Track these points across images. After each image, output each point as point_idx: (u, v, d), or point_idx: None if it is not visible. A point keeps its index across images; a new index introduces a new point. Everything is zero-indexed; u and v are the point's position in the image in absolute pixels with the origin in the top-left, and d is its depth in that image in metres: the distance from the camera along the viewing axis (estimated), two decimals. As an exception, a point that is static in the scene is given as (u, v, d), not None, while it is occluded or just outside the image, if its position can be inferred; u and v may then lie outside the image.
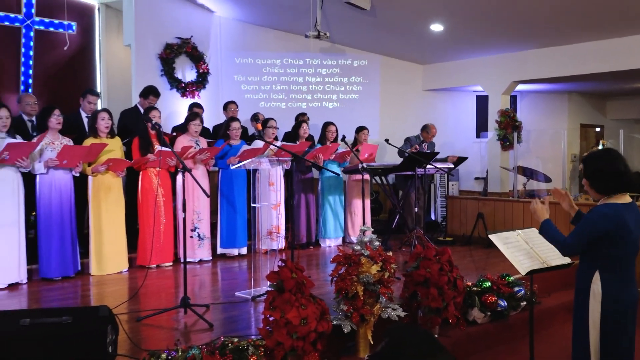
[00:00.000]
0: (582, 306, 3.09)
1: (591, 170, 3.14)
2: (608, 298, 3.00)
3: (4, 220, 5.48)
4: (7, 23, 8.52)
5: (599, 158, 3.19)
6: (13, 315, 3.42)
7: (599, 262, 3.04)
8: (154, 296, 5.24)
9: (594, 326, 3.04)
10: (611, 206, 3.04)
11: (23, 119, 6.59)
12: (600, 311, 3.01)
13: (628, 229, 2.99)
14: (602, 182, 3.10)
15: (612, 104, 13.29)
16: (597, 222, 3.02)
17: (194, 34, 9.19)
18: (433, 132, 8.51)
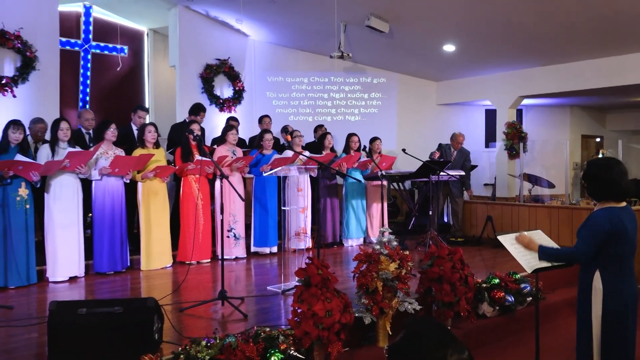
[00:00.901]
0: (585, 302, 3.03)
1: (588, 176, 3.09)
2: (609, 294, 2.94)
3: (66, 221, 5.57)
4: (69, 47, 8.71)
5: (597, 165, 3.11)
6: (72, 305, 3.47)
7: (598, 261, 2.98)
8: (194, 289, 5.26)
9: (596, 321, 2.97)
10: (607, 209, 2.99)
11: (82, 132, 6.71)
12: (601, 307, 2.95)
13: (625, 229, 2.93)
14: (595, 188, 3.05)
15: (611, 116, 13.05)
16: (598, 224, 2.96)
17: (231, 56, 9.27)
18: (459, 139, 8.31)
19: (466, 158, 8.29)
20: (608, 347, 2.94)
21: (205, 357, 3.20)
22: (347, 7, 7.44)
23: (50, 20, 7.54)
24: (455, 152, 8.28)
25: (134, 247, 6.32)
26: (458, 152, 8.30)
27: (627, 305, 2.94)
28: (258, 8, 8.12)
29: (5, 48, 7.07)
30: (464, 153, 8.30)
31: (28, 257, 5.39)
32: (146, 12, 9.08)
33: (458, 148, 8.31)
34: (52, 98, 7.53)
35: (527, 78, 9.47)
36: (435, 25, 8.01)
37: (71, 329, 3.33)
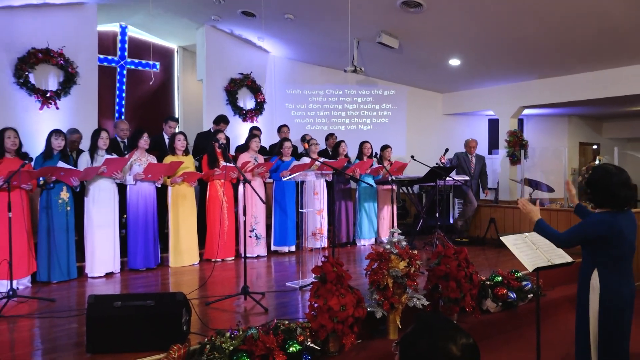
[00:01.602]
0: (583, 299, 2.98)
1: (589, 182, 3.01)
2: (605, 292, 2.88)
3: (103, 222, 5.63)
4: (106, 64, 8.83)
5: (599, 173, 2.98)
6: (109, 298, 3.50)
7: (597, 260, 2.92)
8: (219, 285, 5.27)
9: (593, 316, 2.92)
10: (605, 213, 2.92)
11: (117, 141, 6.78)
12: (598, 303, 2.89)
13: (622, 234, 2.85)
14: (594, 194, 2.97)
15: (607, 124, 12.86)
16: (593, 227, 2.89)
17: (253, 70, 9.31)
18: (471, 144, 8.10)
19: (483, 162, 8.19)
20: (604, 342, 2.89)
21: (229, 348, 3.21)
22: (359, 25, 7.45)
23: (90, 39, 7.66)
24: (472, 157, 8.10)
25: (164, 245, 6.36)
26: (476, 158, 8.13)
27: (623, 303, 2.88)
28: (278, 27, 8.16)
29: (50, 65, 7.20)
30: (480, 158, 8.19)
31: (69, 254, 5.45)
32: (176, 31, 9.17)
33: (473, 153, 8.10)
34: (91, 110, 7.64)
35: (527, 89, 9.38)
36: (442, 42, 7.97)
37: (107, 320, 3.36)
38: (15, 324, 4.03)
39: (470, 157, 8.07)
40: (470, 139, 8.23)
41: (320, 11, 7.41)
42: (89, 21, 7.63)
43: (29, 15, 7.09)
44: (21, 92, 7.03)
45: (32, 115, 7.08)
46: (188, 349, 3.24)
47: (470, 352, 1.44)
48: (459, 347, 1.42)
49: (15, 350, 3.49)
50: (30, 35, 7.07)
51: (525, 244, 3.49)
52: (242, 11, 7.81)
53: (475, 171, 8.06)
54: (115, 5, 7.82)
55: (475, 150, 8.13)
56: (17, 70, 6.97)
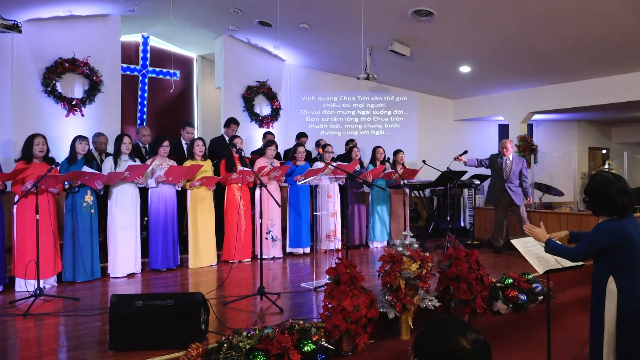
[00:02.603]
0: (599, 303, 2.91)
1: (587, 190, 2.96)
2: (624, 296, 2.81)
3: (125, 224, 5.68)
4: (129, 72, 8.93)
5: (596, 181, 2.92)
6: (130, 298, 3.52)
7: (612, 267, 2.85)
8: (236, 285, 5.28)
9: (609, 320, 2.85)
10: (611, 222, 2.87)
11: (139, 146, 6.85)
12: (616, 307, 2.82)
13: (632, 238, 2.80)
14: (593, 203, 2.92)
15: (616, 129, 12.66)
16: (602, 238, 2.84)
17: (269, 78, 9.35)
18: (504, 145, 7.29)
19: (523, 165, 7.23)
20: (622, 345, 2.83)
21: (245, 346, 3.21)
22: (372, 34, 7.45)
23: (113, 49, 7.76)
24: (507, 159, 7.23)
25: (183, 247, 6.40)
26: (514, 159, 7.25)
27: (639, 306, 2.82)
28: (293, 36, 8.19)
29: (76, 74, 7.31)
30: (519, 160, 7.28)
31: (93, 255, 5.51)
32: (195, 41, 9.25)
33: (507, 154, 7.23)
34: (114, 116, 7.73)
35: (537, 95, 9.28)
36: (452, 49, 7.93)
37: (129, 318, 3.38)
38: (42, 321, 4.08)
39: (504, 159, 7.24)
40: (504, 140, 7.44)
41: (334, 21, 7.42)
42: (113, 32, 7.73)
43: (57, 27, 7.21)
44: (49, 100, 7.14)
45: (58, 122, 7.19)
46: (206, 347, 3.25)
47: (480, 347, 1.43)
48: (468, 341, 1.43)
49: (42, 347, 3.53)
50: (58, 46, 7.19)
51: (535, 247, 3.44)
52: (258, 21, 7.85)
53: (510, 174, 7.14)
54: (138, 17, 7.91)
55: (509, 152, 7.25)
56: (45, 79, 7.08)
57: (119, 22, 7.75)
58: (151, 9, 7.58)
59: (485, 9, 6.37)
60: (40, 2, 6.58)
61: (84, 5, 7.08)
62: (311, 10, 7.17)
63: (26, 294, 4.66)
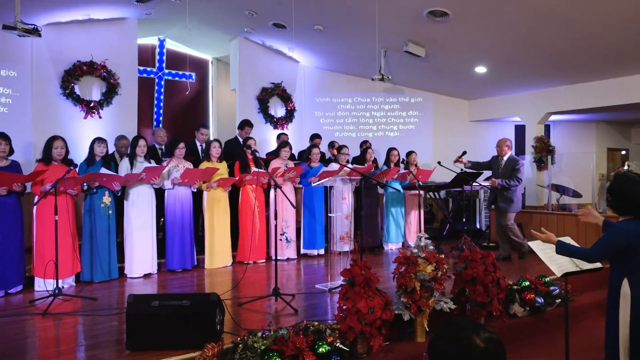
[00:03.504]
0: (614, 306, 2.88)
1: (611, 189, 2.93)
2: (637, 299, 2.78)
3: (142, 225, 5.74)
4: (145, 75, 9.03)
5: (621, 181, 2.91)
6: (147, 298, 3.56)
7: (627, 268, 2.83)
8: (251, 286, 5.30)
9: (624, 324, 2.82)
10: (630, 221, 2.84)
11: (155, 147, 6.92)
12: (630, 310, 2.79)
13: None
14: (616, 202, 2.88)
15: (636, 130, 12.44)
16: (619, 237, 2.82)
17: (283, 80, 9.38)
18: (499, 143, 6.94)
19: (513, 167, 6.70)
20: (636, 348, 2.79)
21: (260, 347, 3.22)
22: (387, 35, 7.43)
23: (130, 52, 7.85)
24: (502, 159, 6.87)
25: (199, 248, 6.44)
26: (506, 159, 6.86)
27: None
28: (307, 37, 8.21)
29: (94, 76, 7.42)
30: (512, 161, 6.78)
31: (110, 255, 5.57)
32: (211, 43, 9.32)
33: (502, 154, 6.88)
34: (131, 118, 7.82)
35: (554, 96, 9.16)
36: (468, 50, 7.88)
37: (146, 318, 3.41)
38: (61, 320, 4.14)
39: (500, 160, 6.90)
40: (500, 139, 7.06)
41: (348, 22, 7.42)
42: (130, 35, 7.82)
43: (75, 30, 7.32)
44: (67, 102, 7.25)
45: (76, 124, 7.29)
46: (222, 347, 3.27)
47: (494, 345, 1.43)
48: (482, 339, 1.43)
49: (60, 346, 3.58)
50: (76, 49, 7.30)
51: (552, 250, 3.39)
52: (273, 23, 7.88)
53: (502, 174, 6.79)
54: (154, 20, 7.99)
55: (506, 152, 6.89)
56: (63, 82, 7.19)
57: (136, 25, 7.84)
58: (167, 12, 7.66)
59: (501, 9, 6.32)
60: (59, 6, 6.69)
61: (101, 9, 7.18)
62: (326, 11, 7.17)
63: (45, 293, 4.74)
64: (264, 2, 7.13)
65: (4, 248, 4.87)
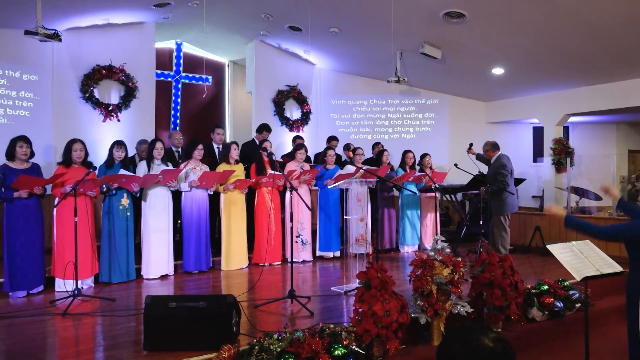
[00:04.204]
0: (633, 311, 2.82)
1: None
2: None
3: (159, 227, 5.80)
4: (163, 78, 9.13)
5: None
6: (164, 299, 3.59)
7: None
8: (267, 288, 5.31)
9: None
10: None
11: (172, 150, 6.99)
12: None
13: None
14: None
15: (658, 131, 12.21)
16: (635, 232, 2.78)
17: (299, 82, 9.40)
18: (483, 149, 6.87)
19: (497, 170, 6.50)
20: None
21: (276, 349, 3.22)
22: (402, 36, 7.41)
23: (148, 55, 7.95)
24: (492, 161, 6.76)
25: (216, 249, 6.48)
26: (493, 161, 6.72)
27: None
28: (323, 40, 8.22)
29: (112, 80, 7.53)
30: (496, 163, 6.63)
31: (128, 257, 5.63)
32: (227, 47, 9.39)
33: (491, 157, 6.76)
34: (148, 121, 7.91)
35: (573, 97, 9.04)
36: (485, 51, 7.81)
37: (163, 320, 3.44)
38: (80, 321, 4.20)
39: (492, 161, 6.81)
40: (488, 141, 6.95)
41: (364, 24, 7.42)
42: (148, 39, 7.92)
43: (94, 35, 7.44)
44: (86, 105, 7.37)
45: (95, 127, 7.40)
46: (238, 349, 3.28)
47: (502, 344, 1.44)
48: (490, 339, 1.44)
49: (79, 346, 3.63)
50: (95, 54, 7.41)
51: (572, 253, 3.35)
52: (289, 26, 7.91)
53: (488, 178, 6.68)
54: (172, 24, 8.08)
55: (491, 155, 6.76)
56: (83, 86, 7.31)
57: (154, 29, 7.94)
58: (184, 16, 7.74)
59: (518, 9, 6.26)
60: (79, 11, 6.80)
61: (120, 14, 7.28)
62: (341, 14, 7.18)
63: (65, 293, 4.81)
64: (280, 5, 7.17)
65: (26, 249, 4.95)
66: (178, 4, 7.11)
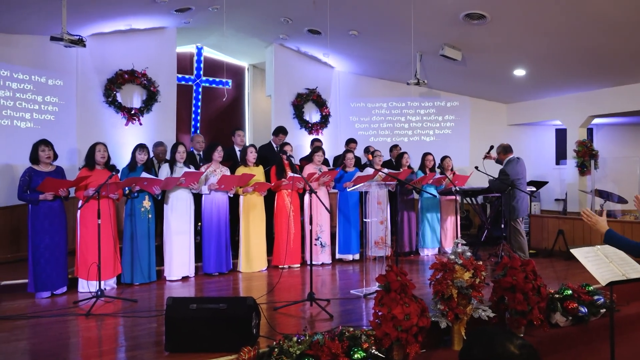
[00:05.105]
0: None
1: None
2: None
3: (180, 229, 5.85)
4: (184, 82, 9.24)
5: None
6: (185, 301, 3.62)
7: None
8: (286, 291, 5.31)
9: None
10: None
11: (193, 153, 7.06)
12: None
13: None
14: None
15: (685, 133, 11.89)
16: None
17: (318, 85, 9.42)
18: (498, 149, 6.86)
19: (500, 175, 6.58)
20: None
21: (296, 352, 3.22)
22: (422, 39, 7.36)
23: (169, 60, 8.05)
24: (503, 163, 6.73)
25: (235, 252, 6.51)
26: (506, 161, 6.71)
27: None
28: (342, 43, 8.22)
29: (134, 84, 7.65)
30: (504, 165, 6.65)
31: (150, 258, 5.70)
32: (247, 50, 9.45)
33: (503, 159, 6.72)
34: (170, 125, 8.01)
35: (597, 98, 8.86)
36: (506, 52, 7.72)
37: (184, 321, 3.47)
38: (103, 321, 4.26)
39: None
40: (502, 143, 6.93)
41: (383, 27, 7.40)
42: (169, 44, 8.03)
43: (117, 40, 7.57)
44: (110, 109, 7.50)
45: (118, 131, 7.53)
46: (257, 351, 3.29)
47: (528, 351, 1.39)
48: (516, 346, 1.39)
49: (102, 346, 3.69)
50: (118, 58, 7.55)
51: (597, 257, 3.28)
52: (308, 29, 7.94)
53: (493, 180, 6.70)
54: (193, 29, 8.18)
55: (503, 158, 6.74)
56: (106, 90, 7.45)
57: (175, 34, 8.04)
58: (205, 21, 7.83)
59: (540, 9, 6.17)
60: (102, 17, 6.93)
61: (142, 19, 7.40)
62: (361, 17, 7.17)
63: (88, 294, 4.89)
64: (299, 8, 7.20)
65: (50, 251, 5.05)
66: (199, 9, 7.19)
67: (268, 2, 7.09)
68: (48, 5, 5.84)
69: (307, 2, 6.81)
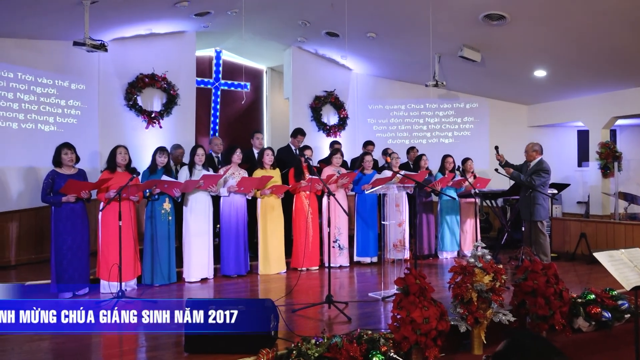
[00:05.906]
0: None
1: None
2: None
3: (199, 231, 5.90)
4: (203, 85, 9.33)
5: None
6: (204, 303, 3.62)
7: None
8: (304, 293, 5.31)
9: None
10: None
11: (212, 155, 7.12)
12: None
13: None
14: None
15: None
16: None
17: (336, 88, 9.42)
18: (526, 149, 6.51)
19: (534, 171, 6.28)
20: None
21: (314, 354, 3.22)
22: (441, 40, 7.32)
23: (189, 63, 8.15)
24: (530, 164, 6.46)
25: (253, 254, 6.53)
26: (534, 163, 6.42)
27: None
28: (360, 45, 8.22)
29: (155, 88, 7.75)
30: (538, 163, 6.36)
31: (170, 260, 5.75)
32: (265, 54, 9.51)
33: (530, 160, 6.45)
34: (189, 128, 8.10)
35: (621, 99, 8.69)
36: (526, 53, 7.62)
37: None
38: (124, 322, 4.31)
39: (528, 165, 6.50)
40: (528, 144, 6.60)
41: (401, 28, 7.37)
42: (189, 48, 8.12)
43: (138, 44, 7.68)
44: (130, 113, 7.61)
45: (139, 134, 7.63)
46: (276, 353, 3.30)
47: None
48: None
49: (123, 346, 3.74)
50: (139, 62, 7.66)
51: (621, 261, 3.22)
52: (326, 32, 7.95)
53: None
54: (211, 32, 8.26)
55: (534, 157, 6.44)
56: (127, 94, 7.56)
57: (194, 38, 8.13)
58: (224, 25, 7.90)
59: (560, 9, 6.08)
60: (123, 22, 7.04)
61: (162, 24, 7.50)
62: (379, 19, 7.16)
63: (109, 295, 4.95)
64: (317, 11, 7.22)
65: (72, 252, 5.14)
66: (218, 13, 7.26)
67: (286, 5, 7.12)
68: (71, 11, 5.96)
69: (325, 4, 6.83)
